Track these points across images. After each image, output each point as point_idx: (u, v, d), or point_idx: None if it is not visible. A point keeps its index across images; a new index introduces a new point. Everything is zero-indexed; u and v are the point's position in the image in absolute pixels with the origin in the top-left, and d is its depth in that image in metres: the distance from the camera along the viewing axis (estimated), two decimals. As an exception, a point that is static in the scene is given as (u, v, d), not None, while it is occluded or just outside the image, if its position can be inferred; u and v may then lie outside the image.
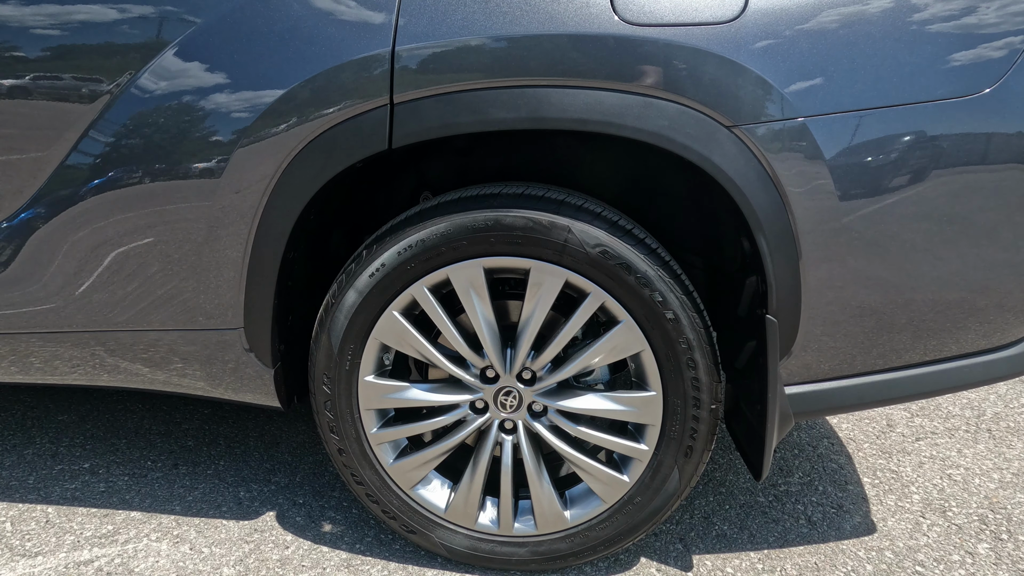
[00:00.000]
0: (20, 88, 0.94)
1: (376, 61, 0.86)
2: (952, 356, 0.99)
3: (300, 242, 1.02)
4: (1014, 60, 0.83)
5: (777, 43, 0.82)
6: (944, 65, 0.83)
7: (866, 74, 0.83)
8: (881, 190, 0.85)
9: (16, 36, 0.93)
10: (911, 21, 0.82)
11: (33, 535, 1.22)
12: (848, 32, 0.82)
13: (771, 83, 0.82)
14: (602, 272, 0.92)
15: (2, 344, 1.12)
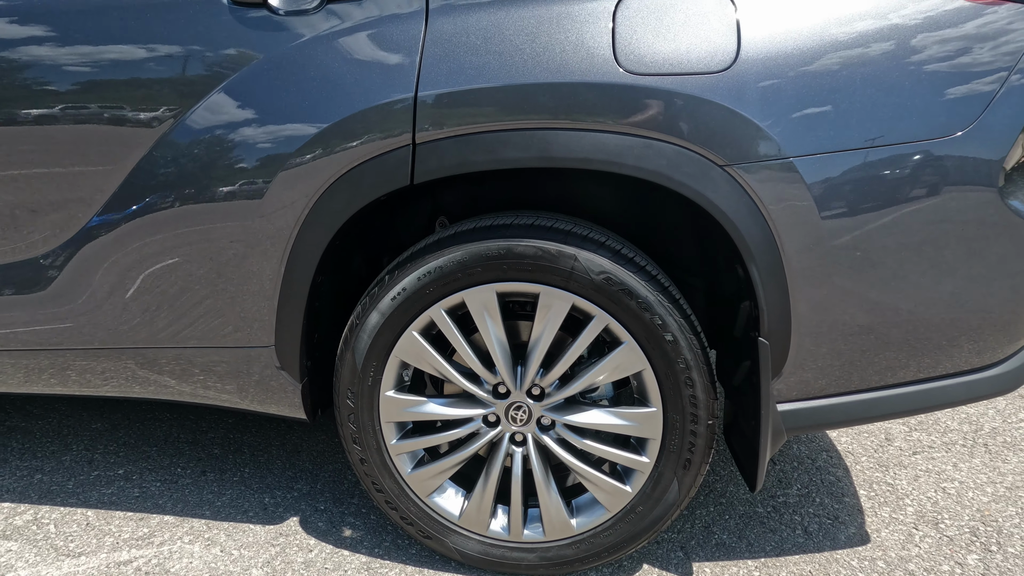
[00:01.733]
0: (90, 115, 1.03)
1: (400, 106, 0.94)
2: (936, 376, 1.05)
3: (327, 266, 1.11)
4: (985, 106, 0.90)
5: (765, 90, 0.89)
6: (921, 110, 0.90)
7: (848, 118, 0.90)
8: (863, 223, 0.92)
9: (88, 71, 1.02)
10: (889, 70, 0.90)
11: (75, 536, 1.30)
12: (831, 80, 0.90)
13: (760, 126, 0.90)
14: (606, 297, 1.00)
15: (45, 359, 1.22)
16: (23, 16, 1.03)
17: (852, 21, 0.90)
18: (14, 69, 1.04)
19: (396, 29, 0.95)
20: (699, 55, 0.90)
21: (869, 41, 0.90)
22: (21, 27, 1.03)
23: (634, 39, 0.91)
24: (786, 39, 0.90)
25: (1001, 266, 0.98)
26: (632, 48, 0.91)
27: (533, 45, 0.92)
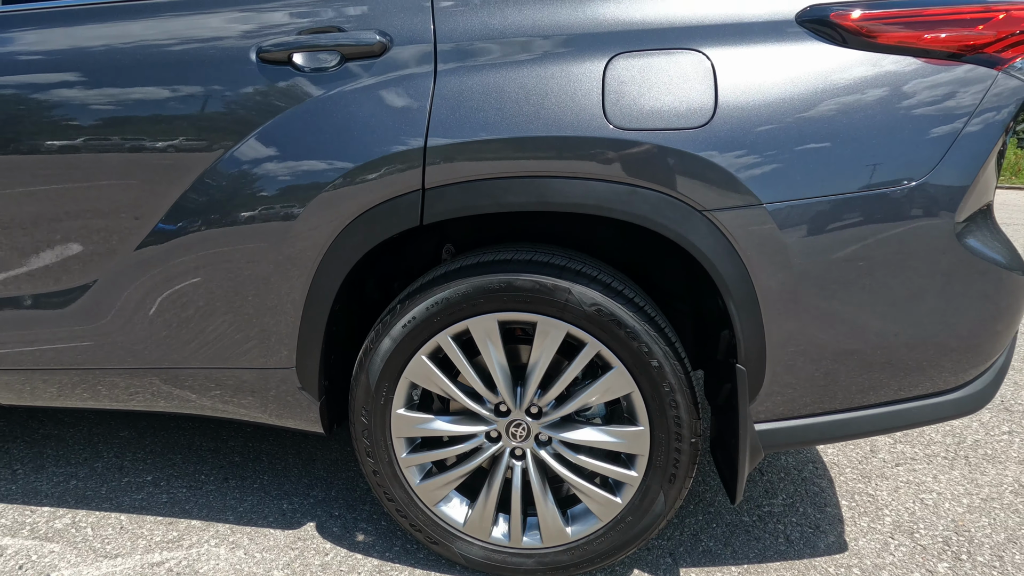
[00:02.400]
0: (138, 153, 1.14)
1: (411, 155, 1.05)
2: (903, 398, 1.14)
3: (343, 293, 1.21)
4: (940, 157, 0.99)
5: (739, 143, 0.99)
6: (882, 161, 0.99)
7: (815, 168, 0.99)
8: (829, 264, 1.02)
9: (139, 116, 1.13)
10: (852, 125, 0.99)
11: (111, 539, 1.42)
12: (799, 134, 0.99)
13: (735, 176, 0.99)
14: (597, 326, 1.10)
15: (77, 376, 1.33)
16: (85, 65, 1.15)
17: (817, 82, 0.99)
18: (71, 111, 1.16)
19: (408, 87, 1.06)
20: (680, 112, 0.99)
21: (833, 99, 0.99)
22: (82, 76, 1.15)
23: (621, 97, 1.01)
24: (758, 98, 0.99)
25: (960, 300, 1.07)
26: (620, 105, 1.00)
27: (531, 102, 1.02)
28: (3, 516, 1.50)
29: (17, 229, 1.23)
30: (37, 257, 1.25)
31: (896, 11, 0.99)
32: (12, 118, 1.18)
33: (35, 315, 1.29)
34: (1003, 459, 1.83)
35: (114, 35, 1.16)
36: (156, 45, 1.14)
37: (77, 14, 1.18)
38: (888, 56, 1.00)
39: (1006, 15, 1.00)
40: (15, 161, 1.19)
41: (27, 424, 1.98)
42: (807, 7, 1.01)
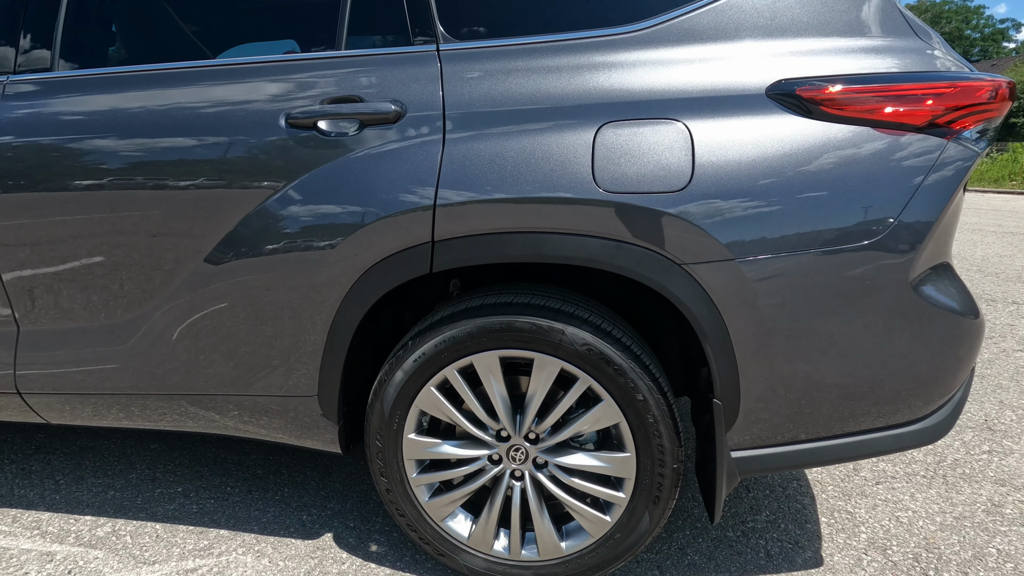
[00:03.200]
0: (186, 197, 1.28)
1: (423, 212, 1.18)
2: (867, 429, 1.25)
3: (360, 329, 1.35)
4: (896, 217, 1.11)
5: (714, 205, 1.11)
6: (842, 221, 1.11)
7: (781, 228, 1.11)
8: (795, 311, 1.13)
9: (196, 171, 1.27)
10: (815, 189, 1.11)
11: (148, 547, 1.56)
12: (767, 197, 1.11)
13: (710, 234, 1.11)
14: (588, 363, 1.22)
15: (118, 399, 1.47)
16: (147, 126, 1.29)
17: (784, 150, 1.11)
18: (131, 165, 1.30)
19: (419, 150, 1.19)
20: (661, 176, 1.12)
21: (798, 166, 1.11)
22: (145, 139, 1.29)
23: (609, 163, 1.13)
24: (731, 164, 1.11)
25: (918, 343, 1.18)
26: (607, 170, 1.13)
27: (528, 166, 1.15)
28: (50, 524, 1.65)
29: (72, 267, 1.38)
30: (89, 294, 1.39)
31: (856, 87, 1.11)
32: (78, 170, 1.32)
33: (84, 346, 1.43)
34: (980, 478, 1.93)
35: (173, 98, 1.30)
36: (200, 108, 1.28)
37: (148, 79, 1.32)
38: (848, 127, 1.11)
39: (954, 91, 1.11)
40: (73, 207, 1.33)
41: (65, 436, 2.13)
42: (776, 82, 1.13)
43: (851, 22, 1.17)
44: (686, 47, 1.17)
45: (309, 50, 1.38)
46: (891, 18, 1.19)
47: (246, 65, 1.29)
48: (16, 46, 1.39)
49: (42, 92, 1.37)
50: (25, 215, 1.35)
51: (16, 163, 1.34)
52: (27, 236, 1.36)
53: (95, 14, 1.40)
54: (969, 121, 1.14)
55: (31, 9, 1.39)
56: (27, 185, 1.34)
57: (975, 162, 1.15)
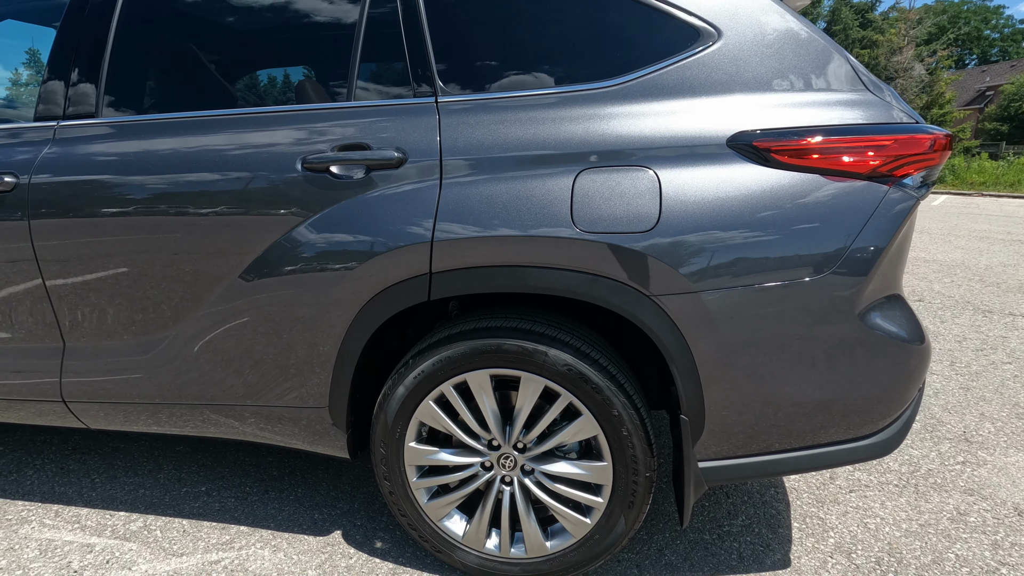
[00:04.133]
0: (227, 218, 1.43)
1: (422, 247, 1.33)
2: (822, 443, 1.38)
3: (367, 348, 1.50)
4: (843, 254, 1.24)
5: (678, 244, 1.25)
6: (794, 257, 1.24)
7: (738, 263, 1.24)
8: (753, 338, 1.27)
9: (226, 210, 1.44)
10: (770, 228, 1.24)
11: (177, 540, 1.73)
12: (725, 235, 1.24)
13: (674, 269, 1.25)
14: (568, 382, 1.37)
15: (141, 407, 1.64)
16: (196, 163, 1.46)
17: (741, 194, 1.24)
18: (175, 199, 1.47)
19: (419, 193, 1.34)
20: (630, 218, 1.26)
21: (753, 208, 1.24)
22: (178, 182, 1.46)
23: (585, 206, 1.27)
24: (694, 206, 1.25)
25: (866, 366, 1.31)
26: (584, 212, 1.27)
27: (515, 208, 1.30)
28: (88, 519, 1.83)
29: (112, 290, 1.55)
30: (125, 314, 1.56)
31: (806, 140, 1.24)
32: (119, 203, 1.49)
33: (119, 359, 1.60)
34: (949, 488, 2.04)
35: (203, 141, 1.47)
36: (227, 150, 1.45)
37: (181, 124, 1.48)
38: (799, 174, 1.25)
39: (895, 143, 1.24)
40: (114, 237, 1.50)
41: (99, 439, 2.32)
42: (735, 133, 1.27)
43: (806, 78, 1.31)
44: (656, 101, 1.31)
45: (323, 93, 1.54)
46: (844, 74, 1.32)
47: (267, 114, 1.45)
48: (65, 96, 1.56)
49: (87, 135, 1.54)
50: (73, 244, 1.53)
51: (66, 198, 1.51)
52: (75, 262, 1.54)
53: (133, 67, 1.57)
54: (910, 169, 1.27)
55: (78, 63, 1.57)
56: (75, 218, 1.51)
57: (915, 205, 1.28)
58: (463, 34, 1.42)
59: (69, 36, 1.58)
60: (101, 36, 1.56)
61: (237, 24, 1.57)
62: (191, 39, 1.56)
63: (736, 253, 1.25)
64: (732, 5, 1.33)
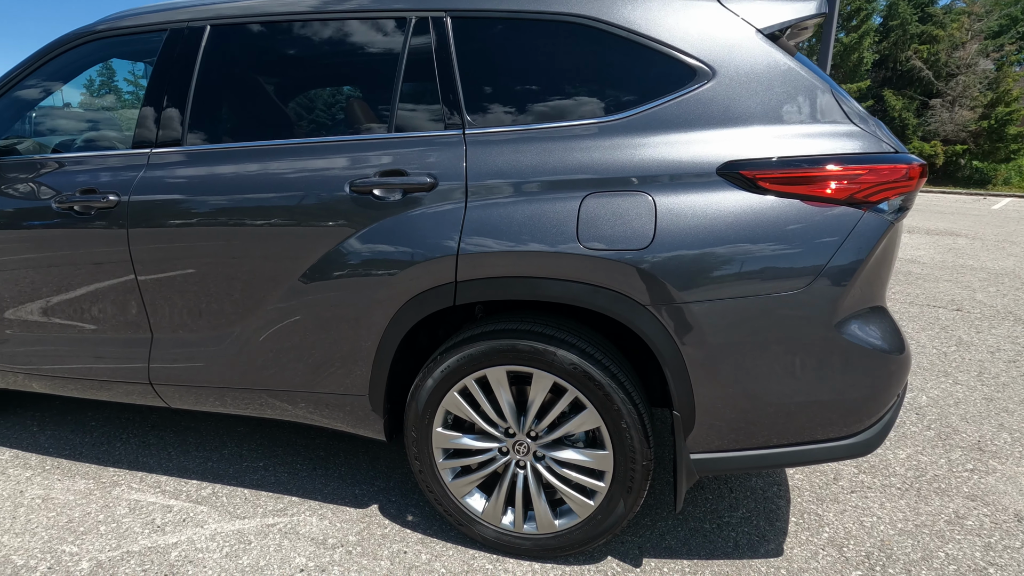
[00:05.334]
0: (277, 241, 1.70)
1: (448, 259, 1.55)
2: (805, 441, 1.53)
3: (402, 345, 1.73)
4: (819, 270, 1.38)
5: (670, 260, 1.42)
6: (775, 272, 1.39)
7: (725, 278, 1.40)
8: (738, 344, 1.42)
9: (285, 227, 1.70)
10: (754, 246, 1.39)
11: (239, 505, 2.01)
12: (713, 252, 1.41)
13: (666, 282, 1.42)
14: (574, 379, 1.56)
15: (215, 392, 1.92)
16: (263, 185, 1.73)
17: (728, 217, 1.40)
18: (246, 217, 1.74)
19: (447, 213, 1.56)
20: (629, 236, 1.44)
21: (740, 229, 1.40)
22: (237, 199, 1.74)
23: (590, 226, 1.46)
24: (685, 227, 1.42)
25: (845, 372, 1.44)
26: (588, 231, 1.46)
27: (529, 226, 1.50)
28: (167, 485, 2.14)
29: (192, 290, 1.84)
30: (202, 310, 1.85)
31: (787, 170, 1.39)
32: (201, 217, 1.77)
33: (196, 349, 1.89)
34: (953, 493, 2.11)
35: (271, 166, 1.73)
36: (289, 174, 1.71)
37: (253, 151, 1.75)
38: (782, 199, 1.40)
39: (870, 172, 1.38)
40: (196, 246, 1.79)
41: (172, 418, 2.66)
42: (725, 162, 1.43)
43: (793, 111, 1.45)
44: (654, 134, 1.48)
45: (369, 125, 1.77)
46: (828, 107, 1.46)
47: (322, 143, 1.70)
48: (157, 126, 1.86)
49: (175, 161, 1.83)
50: (161, 252, 1.82)
51: (157, 214, 1.80)
52: (162, 267, 1.83)
53: (211, 101, 1.85)
54: (886, 195, 1.40)
55: (168, 98, 1.86)
56: (164, 229, 1.80)
57: (889, 228, 1.41)
58: (488, 75, 1.63)
59: (161, 75, 1.88)
60: (186, 75, 1.85)
61: (297, 66, 1.82)
62: (258, 79, 1.83)
63: (722, 269, 1.41)
64: (726, 47, 1.49)
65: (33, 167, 2.00)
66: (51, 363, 2.08)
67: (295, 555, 1.77)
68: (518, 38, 1.61)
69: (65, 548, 1.80)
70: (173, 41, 1.89)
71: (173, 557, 1.77)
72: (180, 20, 1.90)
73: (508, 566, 1.73)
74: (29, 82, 2.10)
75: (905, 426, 2.62)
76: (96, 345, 2.00)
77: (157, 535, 1.86)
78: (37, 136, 2.37)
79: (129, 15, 2.01)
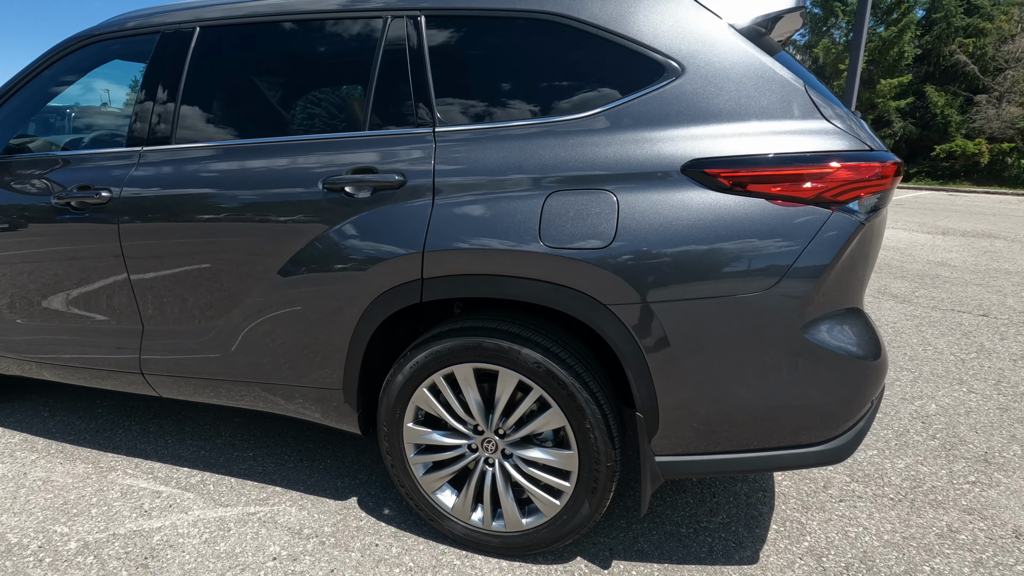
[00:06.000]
0: (255, 237, 1.75)
1: (415, 257, 1.56)
2: (773, 447, 1.49)
3: (379, 339, 1.76)
4: (783, 273, 1.34)
5: (631, 260, 1.40)
6: (737, 273, 1.36)
7: (686, 278, 1.37)
8: (700, 345, 1.40)
9: (264, 224, 1.75)
10: (717, 245, 1.36)
11: (224, 494, 2.07)
12: (675, 252, 1.38)
13: (626, 282, 1.40)
14: (538, 377, 1.55)
15: (201, 383, 1.97)
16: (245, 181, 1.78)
17: (692, 216, 1.37)
18: (229, 218, 1.79)
19: (414, 211, 1.57)
20: (589, 235, 1.42)
21: (703, 229, 1.37)
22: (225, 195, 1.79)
23: (551, 224, 1.45)
24: (647, 226, 1.39)
25: (811, 378, 1.40)
26: (550, 230, 1.45)
27: (493, 225, 1.50)
28: (160, 471, 2.21)
29: (180, 283, 1.90)
30: (188, 304, 1.91)
31: (752, 169, 1.36)
32: (187, 212, 1.83)
33: (184, 341, 1.95)
34: (948, 505, 2.03)
35: (251, 163, 1.77)
36: (267, 170, 1.74)
37: (234, 149, 1.80)
38: (746, 199, 1.36)
39: (838, 171, 1.33)
40: (183, 239, 1.84)
41: (173, 407, 2.75)
42: (690, 160, 1.40)
43: (764, 109, 1.41)
44: (621, 132, 1.46)
45: (348, 116, 1.80)
46: (802, 105, 1.41)
47: (298, 141, 1.74)
48: (148, 126, 1.93)
49: (163, 159, 1.89)
50: (150, 245, 1.88)
51: (146, 209, 1.87)
52: (151, 259, 1.90)
53: (198, 102, 1.90)
54: (857, 194, 1.35)
55: (158, 99, 1.93)
56: (152, 223, 1.87)
57: (859, 229, 1.36)
58: (459, 74, 1.64)
59: (152, 77, 1.94)
60: (175, 79, 1.91)
61: (278, 66, 1.86)
62: (242, 80, 1.87)
63: (684, 269, 1.38)
64: (697, 42, 1.46)
65: (37, 164, 2.10)
66: (58, 353, 2.17)
67: (270, 544, 1.81)
68: (489, 37, 1.61)
69: (57, 528, 1.89)
70: (164, 43, 1.95)
71: (155, 541, 1.83)
72: (170, 23, 1.96)
73: (476, 563, 1.74)
74: (37, 83, 2.20)
75: (908, 435, 2.52)
76: (96, 335, 2.09)
77: (143, 519, 1.93)
78: (48, 135, 2.48)
79: (130, 17, 2.08)
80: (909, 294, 4.94)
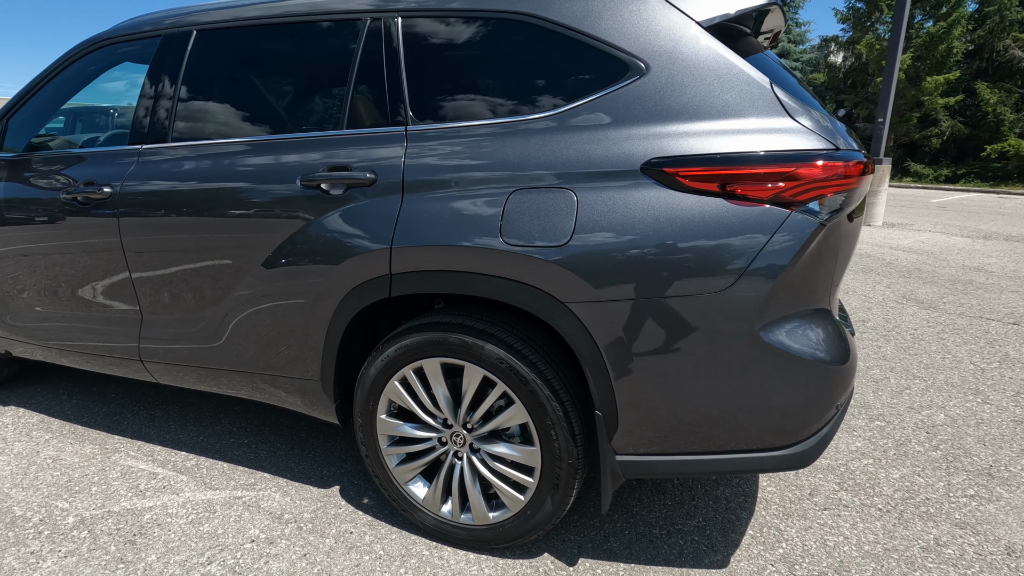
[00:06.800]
0: (237, 234, 1.83)
1: (383, 252, 1.60)
2: (736, 449, 1.47)
3: (358, 331, 1.81)
4: (740, 274, 1.32)
5: (588, 257, 1.40)
6: (695, 273, 1.35)
7: (642, 276, 1.37)
8: (656, 345, 1.39)
9: (247, 221, 1.83)
10: (673, 245, 1.35)
11: (215, 478, 2.16)
12: (632, 251, 1.38)
13: (583, 279, 1.41)
14: (501, 373, 1.57)
15: (193, 370, 2.06)
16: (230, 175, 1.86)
17: (650, 215, 1.37)
18: (211, 215, 1.88)
19: (384, 208, 1.61)
20: (547, 233, 1.43)
21: (660, 227, 1.36)
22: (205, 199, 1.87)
23: (512, 222, 1.47)
24: (605, 224, 1.40)
25: (768, 380, 1.38)
26: (511, 228, 1.47)
27: (456, 222, 1.52)
28: (159, 454, 2.32)
29: (175, 273, 1.99)
30: (178, 295, 2.00)
31: (711, 168, 1.34)
32: (182, 206, 1.92)
33: (179, 330, 2.05)
34: (940, 519, 1.95)
35: (237, 160, 1.85)
36: (251, 168, 1.82)
37: (224, 148, 1.89)
38: (704, 198, 1.35)
39: (797, 171, 1.31)
40: (180, 232, 1.93)
41: (180, 394, 2.87)
42: (648, 160, 1.40)
43: (729, 108, 1.40)
44: (583, 131, 1.47)
45: (329, 115, 1.85)
46: (766, 102, 1.39)
47: (279, 140, 1.80)
48: (147, 126, 2.03)
49: (159, 157, 1.99)
50: (147, 238, 1.98)
51: (143, 204, 1.97)
52: (148, 252, 2.00)
53: (192, 103, 1.99)
54: (820, 193, 1.32)
55: (157, 100, 2.02)
56: (148, 218, 1.97)
57: (820, 229, 1.33)
58: (432, 73, 1.67)
59: (152, 80, 2.04)
60: (172, 80, 2.00)
61: (264, 71, 1.93)
62: (229, 83, 1.95)
63: (641, 268, 1.38)
64: (663, 41, 1.45)
65: (51, 161, 2.23)
66: (72, 340, 2.31)
67: (250, 527, 1.89)
68: (461, 37, 1.64)
69: (59, 504, 2.01)
70: (164, 46, 2.05)
71: (145, 519, 1.93)
72: (171, 26, 2.05)
73: (444, 553, 1.77)
74: (54, 85, 2.34)
75: (909, 444, 2.44)
76: (103, 324, 2.20)
77: (138, 498, 2.04)
78: (65, 134, 2.63)
79: (138, 21, 2.20)
80: (936, 300, 4.74)
